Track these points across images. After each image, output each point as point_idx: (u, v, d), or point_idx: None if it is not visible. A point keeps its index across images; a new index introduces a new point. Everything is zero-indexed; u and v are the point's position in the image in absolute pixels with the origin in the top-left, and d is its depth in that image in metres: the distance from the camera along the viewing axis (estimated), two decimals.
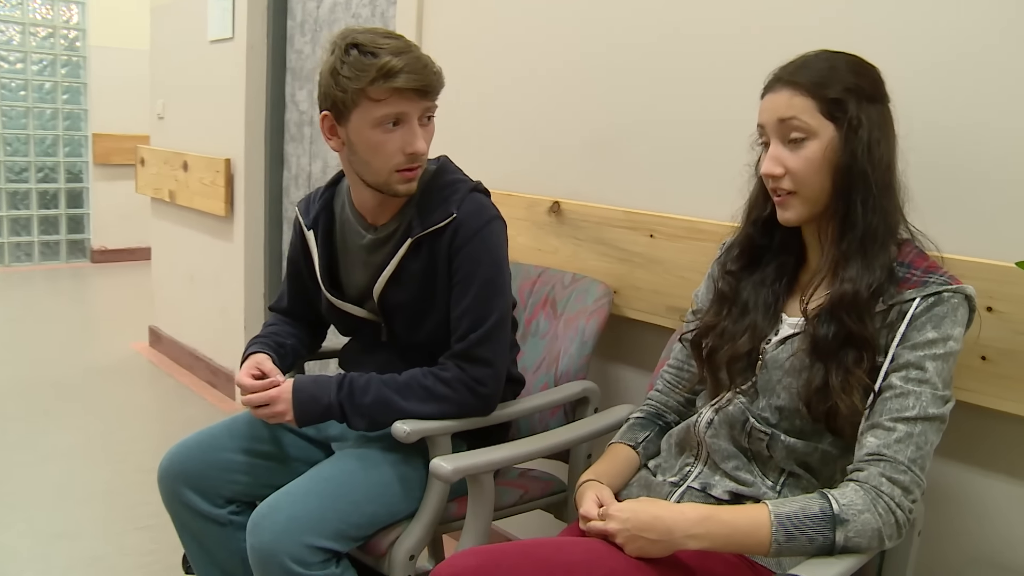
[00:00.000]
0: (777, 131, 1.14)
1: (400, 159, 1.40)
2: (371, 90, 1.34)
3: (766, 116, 1.16)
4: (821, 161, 1.11)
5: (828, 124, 1.11)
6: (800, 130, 1.11)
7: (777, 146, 1.14)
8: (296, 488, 1.37)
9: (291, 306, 1.72)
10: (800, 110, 1.11)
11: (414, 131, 1.39)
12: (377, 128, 1.37)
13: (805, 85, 1.11)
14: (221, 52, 3.25)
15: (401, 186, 1.43)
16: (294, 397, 1.43)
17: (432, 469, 1.26)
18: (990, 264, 1.24)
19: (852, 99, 1.10)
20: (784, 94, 1.13)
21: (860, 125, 1.09)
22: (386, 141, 1.38)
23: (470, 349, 1.42)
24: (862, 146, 1.09)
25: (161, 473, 1.54)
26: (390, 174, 1.41)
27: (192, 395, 3.45)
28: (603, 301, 1.75)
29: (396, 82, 1.33)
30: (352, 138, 1.40)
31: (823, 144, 1.11)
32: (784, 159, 1.13)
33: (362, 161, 1.42)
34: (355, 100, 1.35)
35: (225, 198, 3.21)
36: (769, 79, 1.17)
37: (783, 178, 1.14)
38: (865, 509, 1.01)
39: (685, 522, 1.03)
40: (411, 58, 1.35)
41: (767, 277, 1.23)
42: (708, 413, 1.21)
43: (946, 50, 1.31)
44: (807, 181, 1.12)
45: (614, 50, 1.83)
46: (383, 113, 1.36)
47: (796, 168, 1.12)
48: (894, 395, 1.06)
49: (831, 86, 1.10)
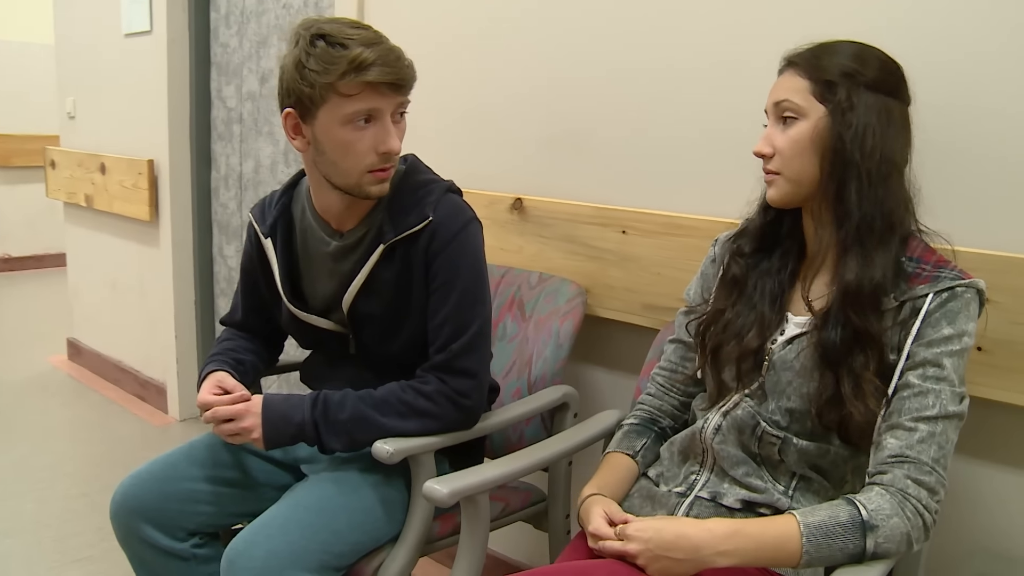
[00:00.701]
0: (773, 112, 1.13)
1: (372, 159, 1.30)
2: (341, 84, 1.24)
3: (768, 98, 1.15)
4: (807, 142, 1.09)
5: (819, 106, 1.08)
6: (791, 111, 1.10)
7: (771, 127, 1.14)
8: (272, 520, 1.27)
9: (246, 319, 1.60)
10: (793, 92, 1.10)
11: (387, 128, 1.29)
12: (347, 125, 1.27)
13: (803, 67, 1.10)
14: (138, 46, 3.06)
15: (373, 188, 1.33)
16: (263, 414, 1.32)
17: (427, 493, 1.18)
18: (987, 254, 1.23)
19: (847, 83, 1.07)
20: (786, 76, 1.13)
21: (850, 109, 1.06)
22: (357, 140, 1.28)
23: (451, 360, 1.34)
24: (850, 131, 1.06)
25: (115, 508, 1.41)
26: (361, 175, 1.32)
27: (120, 410, 3.25)
28: (577, 301, 1.69)
29: (368, 75, 1.23)
30: (319, 137, 1.30)
31: (812, 125, 1.08)
32: (774, 139, 1.12)
33: (330, 162, 1.31)
34: (323, 95, 1.25)
35: (149, 201, 3.03)
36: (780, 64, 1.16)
37: (771, 158, 1.12)
38: (893, 514, 0.98)
39: (713, 539, 0.98)
40: (383, 49, 1.26)
41: (772, 267, 1.20)
42: (715, 418, 1.16)
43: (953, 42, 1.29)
44: (791, 161, 1.10)
45: (576, 40, 1.76)
46: (354, 109, 1.26)
47: (782, 147, 1.11)
48: (912, 394, 1.03)
49: (827, 69, 1.08)
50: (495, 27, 1.91)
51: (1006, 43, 1.23)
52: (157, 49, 2.94)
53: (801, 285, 1.16)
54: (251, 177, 2.86)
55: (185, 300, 3.08)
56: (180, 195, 3.00)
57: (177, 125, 2.96)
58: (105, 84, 3.32)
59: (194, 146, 2.99)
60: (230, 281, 3.03)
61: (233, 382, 1.40)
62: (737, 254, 1.23)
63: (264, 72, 2.74)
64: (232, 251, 2.99)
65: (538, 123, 1.85)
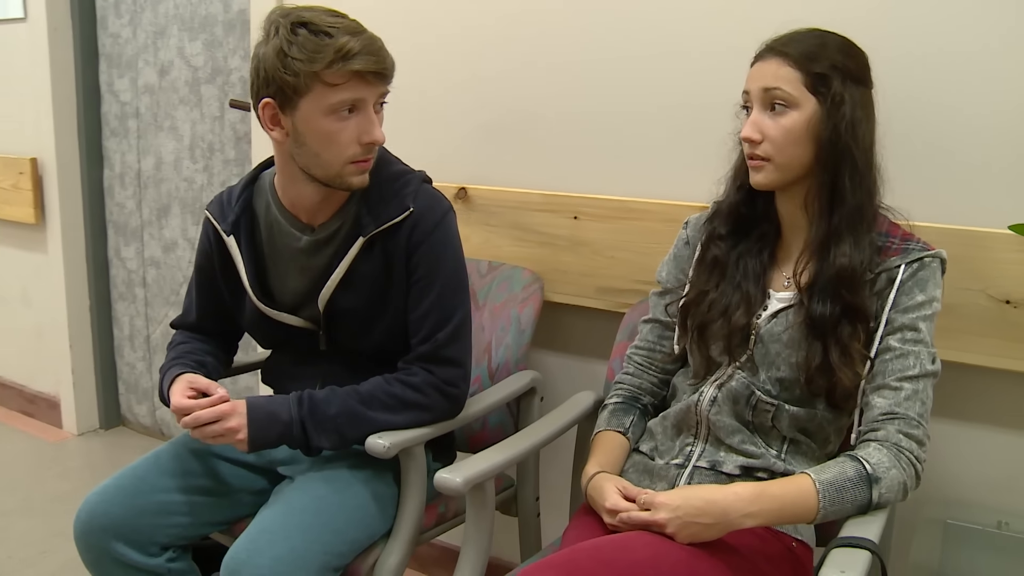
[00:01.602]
0: (760, 98, 1.17)
1: (355, 149, 1.28)
2: (326, 74, 1.21)
3: (752, 83, 1.19)
4: (801, 132, 1.15)
5: (811, 97, 1.14)
6: (782, 100, 1.15)
7: (758, 113, 1.17)
8: (271, 525, 1.24)
9: (200, 321, 1.54)
10: (785, 80, 1.14)
11: (371, 118, 1.28)
12: (331, 116, 1.25)
13: (794, 57, 1.15)
14: (10, 35, 2.83)
15: (355, 178, 1.31)
16: (249, 414, 1.28)
17: (440, 484, 1.18)
18: (932, 227, 1.34)
19: (837, 76, 1.14)
20: (772, 63, 1.16)
21: (843, 102, 1.14)
22: (341, 130, 1.26)
23: (437, 350, 1.35)
24: (845, 123, 1.13)
25: (81, 528, 1.33)
26: (343, 166, 1.30)
27: (6, 428, 3.02)
28: (534, 287, 1.72)
29: (354, 64, 1.22)
30: (300, 127, 1.27)
31: (805, 116, 1.14)
32: (763, 126, 1.16)
33: (311, 153, 1.29)
34: (307, 85, 1.22)
35: (34, 203, 2.82)
36: (760, 49, 1.20)
37: (760, 144, 1.17)
38: (892, 466, 1.07)
39: (740, 502, 1.04)
40: (367, 39, 1.25)
41: (751, 248, 1.26)
42: (710, 391, 1.23)
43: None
44: (784, 149, 1.16)
45: (520, 25, 1.78)
46: (340, 99, 1.24)
47: (774, 135, 1.16)
48: (895, 356, 1.12)
49: (819, 61, 1.14)
50: (434, 11, 1.90)
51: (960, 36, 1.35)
52: (35, 38, 2.73)
53: (781, 264, 1.24)
54: (151, 175, 2.72)
55: (79, 307, 2.89)
56: (70, 195, 2.81)
57: (64, 121, 2.76)
58: None
59: (84, 143, 2.81)
60: (129, 284, 2.87)
61: (206, 381, 1.34)
62: (715, 237, 1.29)
63: (163, 64, 2.60)
64: (131, 253, 2.83)
65: (482, 111, 1.86)
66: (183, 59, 2.55)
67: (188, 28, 2.51)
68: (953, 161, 1.37)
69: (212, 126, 2.52)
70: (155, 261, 2.77)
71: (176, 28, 2.54)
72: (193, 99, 2.55)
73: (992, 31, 1.32)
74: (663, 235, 1.58)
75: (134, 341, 2.90)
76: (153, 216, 2.74)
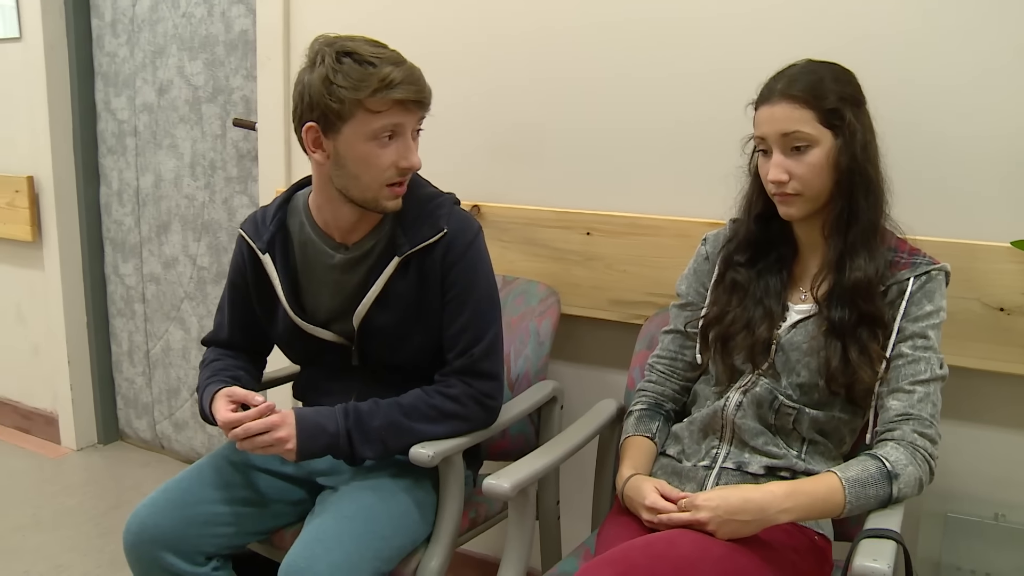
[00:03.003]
0: (780, 143, 1.25)
1: (392, 173, 1.36)
2: (370, 101, 1.29)
3: (767, 128, 1.26)
4: (823, 165, 1.24)
5: (827, 132, 1.23)
6: (803, 140, 1.23)
7: (780, 156, 1.25)
8: (324, 532, 1.30)
9: (232, 337, 1.59)
10: (801, 123, 1.23)
11: (408, 144, 1.35)
12: (372, 141, 1.32)
13: (802, 98, 1.23)
14: (6, 55, 2.85)
15: (390, 202, 1.39)
16: (298, 425, 1.34)
17: (488, 490, 1.25)
18: (933, 241, 1.44)
19: (847, 107, 1.23)
20: (783, 108, 1.24)
21: (856, 130, 1.23)
22: (380, 155, 1.33)
23: (474, 364, 1.42)
24: (860, 148, 1.23)
25: (132, 540, 1.38)
26: (380, 189, 1.37)
27: (3, 445, 3.02)
28: (551, 300, 1.79)
29: (396, 93, 1.29)
30: (341, 151, 1.34)
31: (825, 151, 1.23)
32: (789, 167, 1.25)
33: (351, 175, 1.36)
34: (351, 111, 1.29)
35: (31, 221, 2.83)
36: (763, 92, 1.28)
37: (788, 183, 1.25)
38: (909, 463, 1.17)
39: (775, 499, 1.13)
40: (408, 68, 1.32)
41: (771, 267, 1.35)
42: (736, 396, 1.31)
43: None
44: (812, 183, 1.25)
45: (531, 46, 1.86)
46: (381, 125, 1.31)
47: (801, 173, 1.24)
48: (907, 362, 1.22)
49: (826, 97, 1.23)
50: (447, 31, 1.96)
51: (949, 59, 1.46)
52: (31, 57, 2.75)
53: (800, 283, 1.34)
54: (150, 192, 2.74)
55: (77, 323, 2.91)
56: (66, 213, 2.83)
57: (60, 139, 2.78)
58: None
59: (80, 161, 2.83)
60: (128, 300, 2.89)
61: (243, 392, 1.39)
62: (734, 263, 1.38)
63: (162, 83, 2.64)
64: (130, 269, 2.85)
65: (494, 129, 1.93)
66: (183, 78, 2.59)
67: (188, 48, 2.55)
68: (951, 178, 1.47)
69: (214, 144, 2.56)
70: (155, 277, 2.80)
71: (175, 48, 2.58)
72: (193, 117, 2.59)
73: (995, 47, 1.43)
74: (674, 250, 1.67)
75: (133, 357, 2.92)
76: (152, 233, 2.77)
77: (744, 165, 1.37)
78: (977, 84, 1.44)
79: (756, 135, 1.29)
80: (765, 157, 1.29)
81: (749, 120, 1.31)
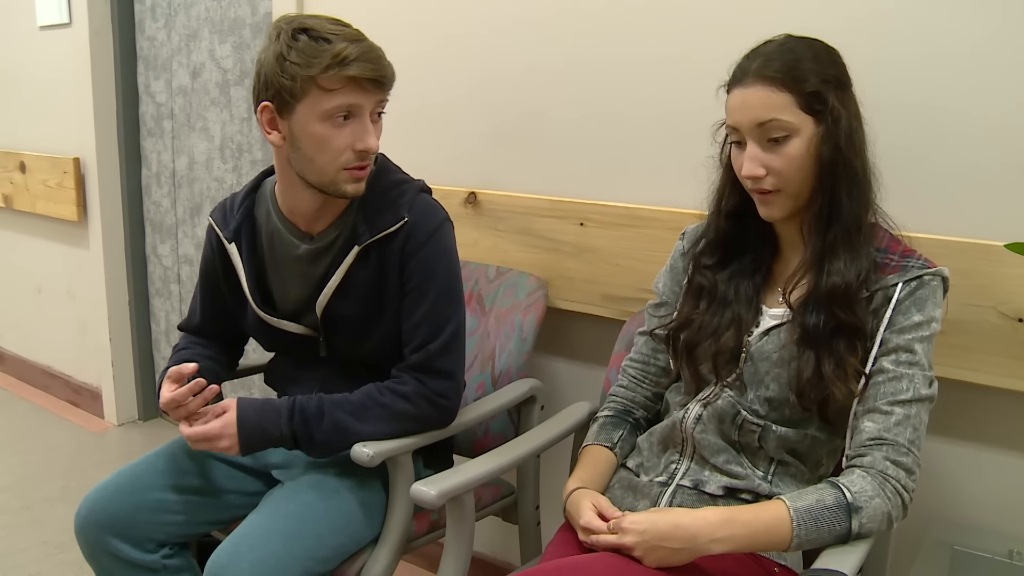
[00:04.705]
0: (755, 133, 1.10)
1: (349, 156, 1.29)
2: (323, 78, 1.22)
3: (740, 116, 1.11)
4: (804, 157, 1.09)
5: (808, 119, 1.08)
6: (781, 130, 1.08)
7: (756, 147, 1.11)
8: (254, 530, 1.25)
9: (204, 324, 1.56)
10: (779, 109, 1.08)
11: (366, 126, 1.28)
12: (326, 121, 1.25)
13: (780, 79, 1.08)
14: (56, 39, 2.92)
15: (349, 186, 1.32)
16: (239, 431, 1.30)
17: (416, 496, 1.18)
18: (939, 239, 1.29)
19: (830, 90, 1.08)
20: (758, 91, 1.09)
21: (840, 116, 1.08)
22: (335, 135, 1.27)
23: (429, 361, 1.34)
24: (844, 136, 1.08)
25: (81, 523, 1.37)
26: (337, 172, 1.30)
27: (53, 417, 3.13)
28: (538, 294, 1.70)
29: (350, 70, 1.22)
30: (296, 132, 1.27)
31: (805, 140, 1.09)
32: (765, 160, 1.10)
33: (306, 158, 1.29)
34: (304, 89, 1.23)
35: (77, 201, 2.91)
36: (736, 72, 1.14)
37: (765, 178, 1.11)
38: (875, 495, 1.02)
39: (708, 527, 1.01)
40: (366, 46, 1.25)
41: (744, 269, 1.22)
42: (695, 408, 1.19)
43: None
44: (792, 178, 1.10)
45: (528, 31, 1.76)
46: (335, 104, 1.24)
47: (780, 167, 1.10)
48: (887, 379, 1.07)
49: (807, 79, 1.08)
50: (442, 17, 1.89)
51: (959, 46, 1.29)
52: (78, 42, 2.82)
53: (779, 285, 1.19)
54: (185, 174, 2.77)
55: (119, 302, 2.97)
56: (109, 194, 2.89)
57: (104, 122, 2.84)
58: (18, 78, 3.16)
59: (122, 143, 2.89)
60: (165, 280, 2.94)
61: (189, 367, 1.34)
62: (702, 266, 1.25)
63: (195, 66, 2.65)
64: (167, 250, 2.90)
65: (491, 115, 1.85)
66: (214, 61, 2.59)
67: (218, 31, 2.55)
68: (964, 171, 1.31)
69: (241, 127, 2.56)
70: (188, 259, 2.83)
71: (207, 31, 2.59)
72: (223, 100, 2.59)
73: (997, 35, 1.26)
74: (668, 244, 1.52)
75: (170, 336, 2.97)
76: (187, 215, 2.80)
77: (717, 156, 1.24)
78: (989, 54, 1.26)
79: (728, 123, 1.15)
80: (739, 148, 1.15)
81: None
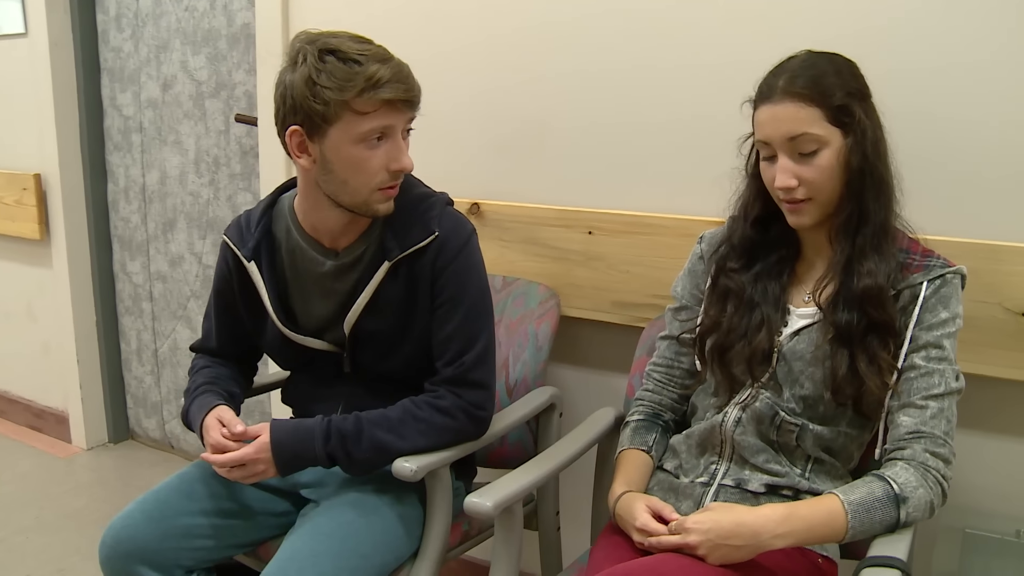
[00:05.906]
0: (786, 147, 1.15)
1: (383, 176, 1.29)
2: (357, 102, 1.22)
3: (771, 130, 1.16)
4: (834, 167, 1.15)
5: (836, 131, 1.14)
6: (813, 142, 1.14)
7: (787, 160, 1.16)
8: (299, 551, 1.24)
9: (221, 345, 1.54)
10: (808, 123, 1.13)
11: (399, 145, 1.29)
12: (360, 144, 1.25)
13: (808, 96, 1.13)
14: (11, 49, 2.82)
15: (381, 205, 1.32)
16: (274, 455, 1.29)
17: (470, 509, 1.19)
18: (948, 240, 1.36)
19: (855, 102, 1.14)
20: (787, 107, 1.14)
21: (866, 127, 1.14)
22: (370, 157, 1.27)
23: (464, 373, 1.35)
24: (871, 146, 1.14)
25: (107, 552, 1.33)
26: (371, 193, 1.30)
27: (15, 444, 3.02)
28: (550, 303, 1.73)
29: (384, 93, 1.22)
30: (328, 155, 1.27)
31: (834, 151, 1.14)
32: (797, 171, 1.15)
33: (339, 180, 1.29)
34: (337, 113, 1.22)
35: (38, 219, 2.81)
36: (762, 88, 1.18)
37: (797, 188, 1.16)
38: (919, 485, 1.08)
39: (770, 523, 1.05)
40: (395, 66, 1.25)
41: (770, 271, 1.26)
42: (734, 412, 1.24)
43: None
44: (823, 188, 1.16)
45: (532, 41, 1.78)
46: (370, 127, 1.24)
47: (811, 178, 1.15)
48: (919, 375, 1.13)
49: (834, 93, 1.13)
50: (446, 26, 1.90)
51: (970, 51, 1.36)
52: (36, 53, 2.72)
53: (804, 286, 1.25)
54: (156, 189, 2.71)
55: (86, 321, 2.89)
56: (74, 210, 2.81)
57: (67, 136, 2.76)
58: None
59: (87, 158, 2.81)
60: (135, 298, 2.87)
61: (231, 415, 1.36)
62: (727, 270, 1.29)
63: (166, 78, 2.60)
64: (137, 267, 2.83)
65: (495, 126, 1.86)
66: (186, 73, 2.54)
67: (191, 42, 2.51)
68: (970, 175, 1.38)
69: (217, 140, 2.52)
70: (162, 275, 2.77)
71: (179, 42, 2.54)
72: (197, 113, 2.55)
73: (1007, 41, 1.33)
74: (678, 250, 1.59)
75: (142, 355, 2.90)
76: (159, 230, 2.74)
77: (740, 166, 1.29)
78: (997, 64, 1.34)
79: (758, 138, 1.20)
80: (768, 161, 1.20)
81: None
